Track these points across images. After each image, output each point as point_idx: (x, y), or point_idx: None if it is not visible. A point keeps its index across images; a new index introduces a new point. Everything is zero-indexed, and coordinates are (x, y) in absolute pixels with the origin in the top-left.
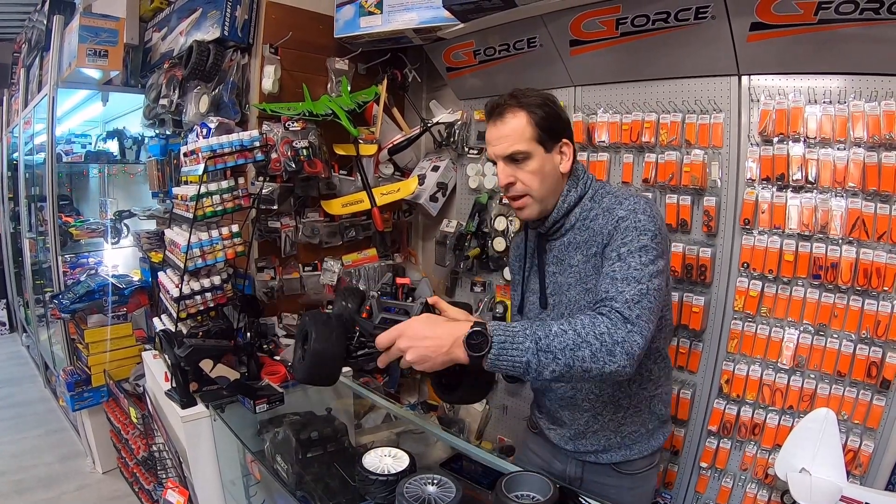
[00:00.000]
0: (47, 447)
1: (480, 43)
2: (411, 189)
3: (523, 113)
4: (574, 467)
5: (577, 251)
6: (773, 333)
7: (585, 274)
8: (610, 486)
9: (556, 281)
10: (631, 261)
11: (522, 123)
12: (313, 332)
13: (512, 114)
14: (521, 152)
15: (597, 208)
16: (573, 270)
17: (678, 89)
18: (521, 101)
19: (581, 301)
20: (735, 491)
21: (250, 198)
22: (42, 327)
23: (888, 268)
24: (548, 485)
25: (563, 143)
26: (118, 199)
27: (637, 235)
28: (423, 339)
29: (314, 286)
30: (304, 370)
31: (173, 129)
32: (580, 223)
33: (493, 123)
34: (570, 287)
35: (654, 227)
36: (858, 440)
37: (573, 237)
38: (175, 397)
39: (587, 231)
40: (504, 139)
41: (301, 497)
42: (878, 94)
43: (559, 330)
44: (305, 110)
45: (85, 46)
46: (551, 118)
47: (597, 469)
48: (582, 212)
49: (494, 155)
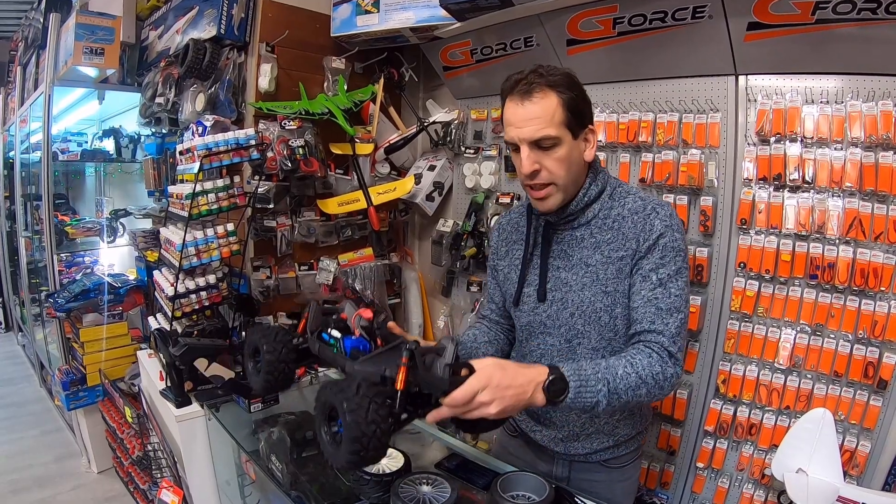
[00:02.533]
0: (43, 447)
1: (477, 42)
2: (408, 188)
3: (553, 94)
4: (561, 467)
5: (595, 250)
6: (770, 333)
7: (606, 277)
8: (599, 482)
9: (559, 276)
10: (672, 287)
11: (553, 105)
12: (345, 405)
13: (542, 94)
14: (551, 138)
15: (618, 208)
16: (589, 270)
17: (675, 89)
18: (549, 79)
19: (598, 303)
20: (732, 491)
21: (246, 196)
22: (38, 327)
23: (885, 268)
24: (543, 485)
25: (588, 130)
26: (114, 198)
27: (674, 257)
28: (507, 389)
29: (310, 285)
30: (344, 456)
31: (169, 127)
32: (599, 220)
33: (518, 102)
34: (583, 287)
35: (685, 245)
36: (855, 440)
37: (589, 234)
38: (170, 396)
39: (611, 232)
40: (532, 122)
41: (296, 497)
42: (876, 94)
43: (624, 373)
44: (302, 109)
45: (81, 44)
46: (580, 100)
47: (586, 467)
48: (602, 209)
49: (519, 139)
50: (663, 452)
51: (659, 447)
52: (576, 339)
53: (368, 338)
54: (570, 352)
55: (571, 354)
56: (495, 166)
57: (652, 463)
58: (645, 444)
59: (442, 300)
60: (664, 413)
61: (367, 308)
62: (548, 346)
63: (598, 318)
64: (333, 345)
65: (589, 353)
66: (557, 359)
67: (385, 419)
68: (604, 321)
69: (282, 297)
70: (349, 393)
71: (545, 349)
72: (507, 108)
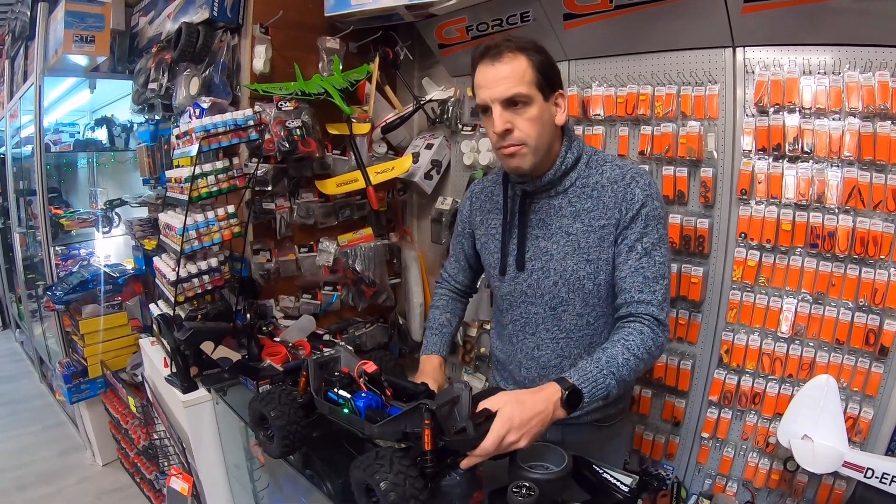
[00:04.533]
0: (46, 442)
1: (473, 18)
2: (406, 167)
3: (523, 56)
4: (553, 432)
5: (574, 219)
6: (772, 303)
7: (588, 245)
8: (591, 442)
9: (538, 245)
10: (656, 255)
11: (523, 66)
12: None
13: (511, 55)
14: (523, 95)
15: (596, 175)
16: (570, 239)
17: (673, 62)
18: (518, 43)
19: (581, 271)
20: (737, 461)
21: (245, 178)
22: (35, 322)
23: (884, 236)
24: (562, 455)
25: (558, 94)
26: (108, 189)
27: (656, 225)
28: (531, 421)
29: (310, 267)
30: None
31: (163, 113)
32: (577, 189)
33: (489, 64)
34: (565, 255)
35: (664, 212)
36: (858, 407)
37: (567, 202)
38: (176, 382)
39: (590, 200)
40: (503, 81)
41: (309, 476)
42: (873, 64)
43: (624, 360)
44: (298, 90)
45: (71, 32)
46: (548, 65)
47: (577, 429)
48: (579, 177)
49: (491, 98)
50: (668, 424)
51: (664, 418)
52: (560, 306)
53: (377, 390)
54: (555, 319)
55: (556, 322)
56: None
57: (657, 434)
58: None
59: None
60: (668, 384)
61: (368, 361)
62: (531, 315)
63: (581, 285)
64: (344, 404)
65: (574, 320)
66: (543, 327)
67: (422, 490)
68: (588, 288)
69: (282, 279)
70: (384, 472)
71: (528, 317)
72: (478, 73)
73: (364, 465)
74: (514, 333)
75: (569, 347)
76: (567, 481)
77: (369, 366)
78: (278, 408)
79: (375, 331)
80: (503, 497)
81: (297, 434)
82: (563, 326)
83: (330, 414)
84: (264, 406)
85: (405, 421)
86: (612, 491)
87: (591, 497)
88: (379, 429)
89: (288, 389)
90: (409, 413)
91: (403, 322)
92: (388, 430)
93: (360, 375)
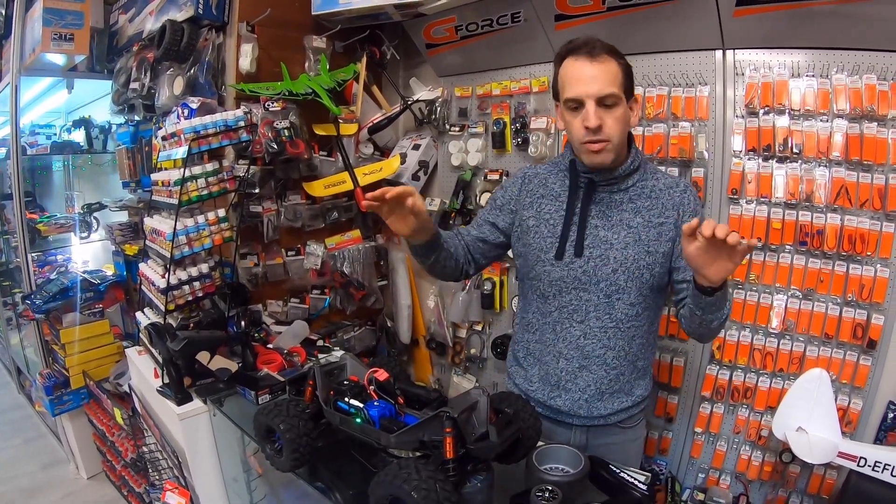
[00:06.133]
0: (27, 456)
1: (462, 19)
2: (394, 168)
3: (613, 60)
4: (579, 435)
5: (635, 214)
6: (762, 299)
7: (647, 238)
8: (614, 445)
9: (597, 234)
10: None
11: (615, 68)
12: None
13: (605, 57)
14: (615, 96)
15: (653, 181)
16: (632, 231)
17: (664, 63)
18: (606, 47)
19: (641, 262)
20: (729, 454)
21: (236, 180)
22: (12, 331)
23: (870, 233)
24: (578, 457)
25: (634, 98)
26: (85, 192)
27: None
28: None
29: (298, 271)
30: None
31: (144, 114)
32: (637, 189)
33: (585, 61)
34: (626, 246)
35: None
36: (847, 399)
37: (628, 199)
38: (169, 394)
39: (650, 200)
40: (600, 79)
41: (320, 487)
42: (860, 68)
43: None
44: (285, 90)
45: (50, 30)
46: (630, 70)
47: (603, 431)
48: (640, 179)
49: (587, 95)
50: (661, 419)
51: (657, 414)
52: (615, 294)
53: (389, 398)
54: (608, 307)
55: (609, 310)
56: (482, 143)
57: (651, 430)
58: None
59: (430, 280)
60: (661, 381)
61: (379, 369)
62: (582, 302)
63: (640, 274)
64: (356, 414)
65: (626, 309)
66: (594, 314)
67: (452, 493)
68: (644, 278)
69: (270, 284)
70: (412, 481)
71: (578, 304)
72: (569, 67)
73: (389, 479)
74: (560, 321)
75: (615, 338)
76: (585, 482)
77: (381, 374)
78: (287, 420)
79: (364, 334)
80: (526, 501)
81: (307, 446)
82: (614, 315)
83: (341, 424)
84: (272, 419)
85: (424, 429)
86: (631, 489)
87: (609, 497)
88: (397, 438)
89: (294, 400)
90: (428, 421)
91: (391, 324)
92: (407, 439)
93: (370, 383)
